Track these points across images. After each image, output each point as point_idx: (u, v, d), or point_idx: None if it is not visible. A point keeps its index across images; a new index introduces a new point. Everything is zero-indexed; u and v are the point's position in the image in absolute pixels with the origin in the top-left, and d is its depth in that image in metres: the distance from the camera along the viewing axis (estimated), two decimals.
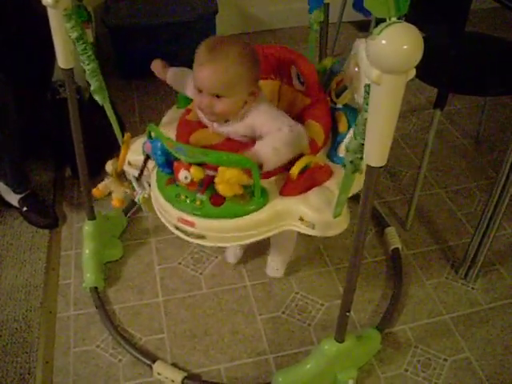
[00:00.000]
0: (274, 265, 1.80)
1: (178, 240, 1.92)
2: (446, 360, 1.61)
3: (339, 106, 1.52)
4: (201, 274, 1.85)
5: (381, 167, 1.05)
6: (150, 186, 1.51)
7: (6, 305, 1.75)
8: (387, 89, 0.91)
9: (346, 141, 1.40)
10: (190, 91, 1.53)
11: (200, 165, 1.28)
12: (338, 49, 2.99)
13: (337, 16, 2.85)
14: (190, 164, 1.28)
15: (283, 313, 1.74)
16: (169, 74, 1.60)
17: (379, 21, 0.88)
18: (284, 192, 1.35)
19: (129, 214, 2.04)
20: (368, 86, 0.94)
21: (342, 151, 1.41)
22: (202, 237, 1.36)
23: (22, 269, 1.86)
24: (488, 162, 2.30)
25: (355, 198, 1.85)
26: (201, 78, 1.32)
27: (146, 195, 1.53)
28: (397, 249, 1.89)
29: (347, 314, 1.39)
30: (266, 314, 1.73)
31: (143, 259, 1.90)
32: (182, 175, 1.29)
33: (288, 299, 1.77)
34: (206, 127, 1.46)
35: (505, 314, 1.74)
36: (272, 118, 1.37)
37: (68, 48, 1.40)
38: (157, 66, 1.62)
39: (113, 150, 2.25)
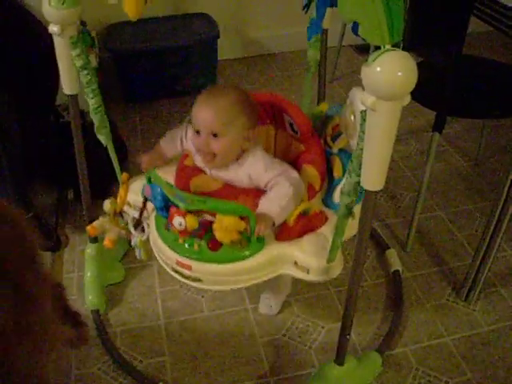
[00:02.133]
0: (268, 302, 1.79)
1: None
2: (447, 382, 1.61)
3: (334, 150, 1.54)
4: (202, 296, 1.85)
5: (378, 191, 1.07)
6: (147, 228, 1.53)
7: None
8: (383, 115, 0.92)
9: (340, 186, 1.43)
10: (184, 144, 1.56)
11: (198, 211, 1.31)
12: (337, 73, 3.02)
13: (337, 40, 2.88)
14: (187, 212, 1.30)
15: (284, 335, 1.74)
16: (162, 146, 1.61)
17: (377, 46, 0.90)
18: (280, 237, 1.39)
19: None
20: (364, 111, 0.96)
21: (337, 197, 1.44)
22: (198, 280, 1.39)
23: None
24: (487, 184, 2.31)
25: None
26: (199, 118, 1.38)
27: (143, 238, 1.55)
28: (397, 271, 1.89)
29: (347, 336, 1.39)
30: (267, 336, 1.73)
31: (145, 282, 1.91)
32: (177, 221, 1.31)
33: (289, 322, 1.77)
34: (205, 172, 1.48)
35: (506, 335, 1.73)
36: (268, 168, 1.41)
37: (73, 74, 1.42)
38: (146, 160, 1.60)
39: (114, 173, 2.27)
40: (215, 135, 1.37)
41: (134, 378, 1.61)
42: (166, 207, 1.36)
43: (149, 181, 1.40)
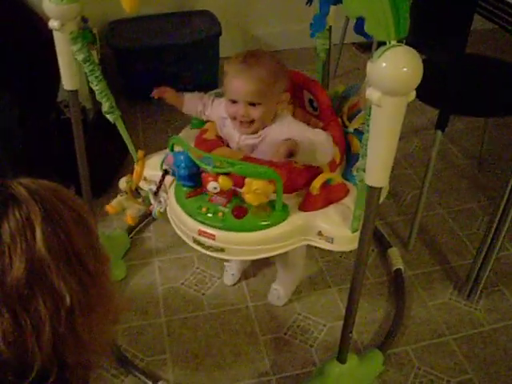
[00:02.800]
0: (277, 293, 1.79)
1: (181, 260, 1.94)
2: (449, 381, 1.61)
3: (350, 129, 1.54)
4: (203, 294, 1.85)
5: (382, 187, 1.06)
6: (165, 200, 1.51)
7: None
8: (388, 110, 0.92)
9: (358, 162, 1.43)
10: (207, 113, 1.57)
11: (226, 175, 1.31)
12: (340, 70, 3.01)
13: (339, 37, 2.87)
14: (218, 175, 1.30)
15: (285, 334, 1.73)
16: (185, 102, 1.61)
17: (381, 42, 0.90)
18: (304, 207, 1.38)
19: (132, 235, 2.04)
20: (369, 107, 0.95)
21: (355, 170, 1.44)
22: (221, 250, 1.38)
23: None
24: (490, 183, 2.31)
25: None
26: (236, 88, 1.39)
27: (161, 210, 1.53)
28: (399, 269, 1.89)
29: (349, 334, 1.39)
30: (269, 334, 1.73)
31: (146, 279, 1.90)
32: (211, 186, 1.32)
33: (290, 320, 1.77)
34: (224, 145, 1.48)
35: (508, 334, 1.73)
36: (302, 129, 1.42)
37: (73, 70, 1.42)
38: (169, 92, 1.61)
39: (116, 169, 2.26)
40: (253, 104, 1.38)
41: (135, 375, 1.60)
42: (189, 175, 1.36)
43: (171, 149, 1.39)
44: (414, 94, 0.91)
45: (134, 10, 1.22)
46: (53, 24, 1.31)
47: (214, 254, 1.40)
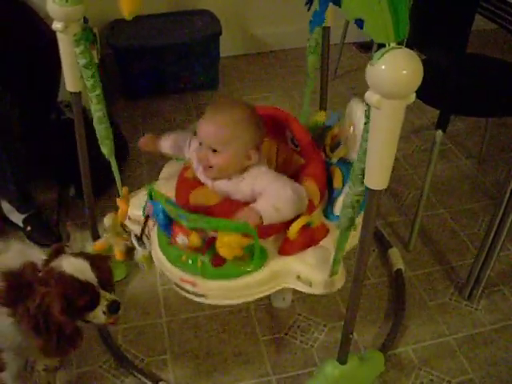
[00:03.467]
0: (280, 295, 1.78)
1: None
2: (449, 382, 1.60)
3: (334, 160, 1.54)
4: None
5: (381, 190, 1.06)
6: (149, 244, 1.53)
7: None
8: (387, 113, 0.92)
9: (341, 197, 1.42)
10: (186, 151, 1.56)
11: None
12: (340, 70, 3.01)
13: (339, 37, 2.87)
14: (191, 229, 1.30)
15: (286, 334, 1.73)
16: (162, 143, 1.62)
17: (380, 44, 0.90)
18: (282, 252, 1.38)
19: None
20: (368, 110, 0.95)
21: (337, 209, 1.43)
22: (201, 296, 1.40)
23: None
24: (490, 183, 2.31)
25: None
26: (200, 131, 1.40)
27: (145, 254, 1.55)
28: (400, 270, 1.89)
29: (350, 335, 1.38)
30: (269, 335, 1.73)
31: (147, 279, 1.90)
32: (180, 238, 1.32)
33: (291, 320, 1.77)
34: (205, 185, 1.47)
35: (509, 334, 1.73)
36: (272, 181, 1.39)
37: (76, 72, 1.42)
38: (146, 141, 1.63)
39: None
40: (214, 150, 1.38)
41: (136, 376, 1.60)
42: (168, 224, 1.35)
43: (150, 198, 1.39)
44: (413, 96, 0.90)
45: (133, 15, 1.22)
46: (56, 26, 1.30)
47: (197, 299, 1.42)
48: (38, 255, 1.30)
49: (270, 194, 1.35)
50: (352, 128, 1.39)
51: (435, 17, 1.93)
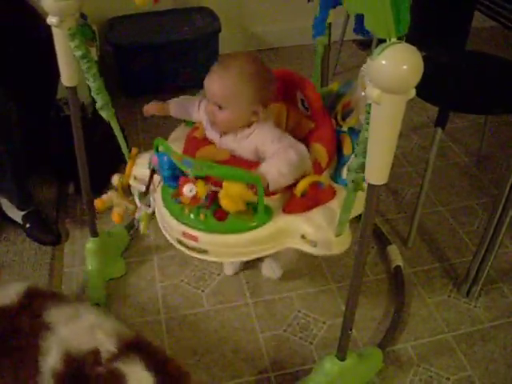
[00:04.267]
0: (272, 265, 1.79)
1: (181, 257, 1.94)
2: (448, 379, 1.61)
3: (344, 128, 1.53)
4: (203, 291, 1.85)
5: (381, 185, 1.06)
6: (153, 201, 1.51)
7: None
8: (387, 108, 0.92)
9: (349, 163, 1.41)
10: (196, 114, 1.57)
11: (206, 179, 1.29)
12: (340, 67, 3.01)
13: (339, 34, 2.87)
14: (197, 179, 1.29)
15: (285, 331, 1.73)
16: (171, 107, 1.63)
17: (381, 39, 0.90)
18: (287, 209, 1.36)
19: (131, 232, 2.04)
20: (369, 105, 0.95)
21: (345, 174, 1.42)
22: (204, 251, 1.37)
23: None
24: (490, 180, 2.31)
25: (357, 217, 1.86)
26: (207, 87, 1.39)
27: (149, 211, 1.53)
28: (399, 267, 1.89)
29: (349, 331, 1.39)
30: (268, 331, 1.73)
31: (145, 276, 1.90)
32: (188, 188, 1.29)
33: (290, 317, 1.77)
34: (213, 144, 1.48)
35: (507, 331, 1.73)
36: (275, 140, 1.39)
37: (72, 66, 1.42)
38: (152, 107, 1.64)
39: (115, 166, 2.26)
40: (220, 107, 1.38)
41: None
42: (173, 176, 1.35)
43: (156, 150, 1.39)
44: (413, 91, 0.90)
45: (146, 2, 1.22)
46: (51, 20, 1.31)
47: (198, 256, 1.39)
48: (106, 338, 1.20)
49: (274, 158, 1.35)
50: (363, 93, 1.38)
51: (435, 14, 1.94)
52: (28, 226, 2.02)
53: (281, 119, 1.59)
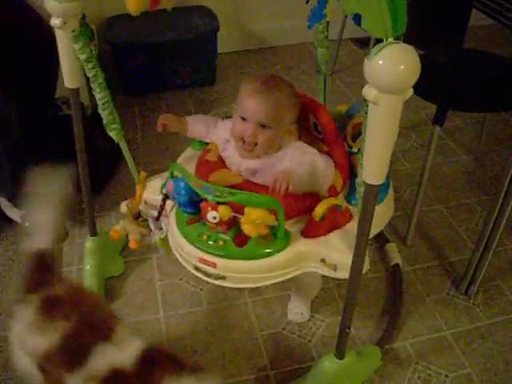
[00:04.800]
0: (298, 310, 1.75)
1: None
2: (447, 376, 1.61)
3: (355, 149, 1.54)
4: (201, 290, 1.85)
5: (379, 185, 1.06)
6: (166, 226, 1.51)
7: (6, 321, 1.75)
8: (385, 108, 0.92)
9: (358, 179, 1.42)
10: (213, 134, 1.56)
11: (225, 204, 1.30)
12: (338, 66, 3.01)
13: (337, 33, 2.87)
14: (217, 204, 1.29)
15: (284, 329, 1.74)
16: (190, 125, 1.60)
17: (380, 40, 0.90)
18: (306, 234, 1.38)
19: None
20: (366, 105, 0.95)
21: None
22: (222, 278, 1.37)
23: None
24: (488, 178, 2.31)
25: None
26: (251, 107, 1.38)
27: (162, 236, 1.53)
28: (397, 265, 1.89)
29: (347, 330, 1.39)
30: (267, 330, 1.73)
31: (144, 275, 1.91)
32: (211, 215, 1.30)
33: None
34: (225, 167, 1.48)
35: (506, 329, 1.74)
36: (304, 151, 1.42)
37: (74, 68, 1.42)
38: (171, 119, 1.59)
39: (113, 166, 2.26)
40: (263, 126, 1.38)
41: None
42: (190, 202, 1.35)
43: (171, 175, 1.38)
44: (411, 91, 0.90)
45: (139, 10, 1.22)
46: (54, 22, 1.30)
47: (216, 282, 1.40)
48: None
49: (297, 157, 1.38)
50: None
51: (433, 12, 1.94)
52: (27, 225, 2.02)
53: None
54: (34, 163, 2.15)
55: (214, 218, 1.30)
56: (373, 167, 1.03)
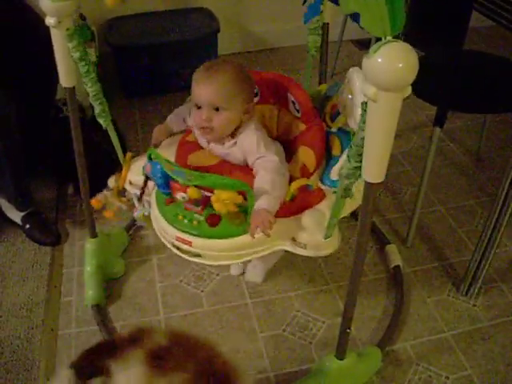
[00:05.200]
0: (255, 270, 1.81)
1: (180, 257, 1.93)
2: (447, 378, 1.61)
3: (333, 129, 1.54)
4: (202, 291, 1.85)
5: (379, 183, 1.06)
6: (148, 204, 1.55)
7: (7, 322, 1.75)
8: (383, 106, 0.92)
9: (338, 165, 1.44)
10: (188, 120, 1.58)
11: (198, 186, 1.32)
12: (338, 67, 3.01)
13: (337, 35, 2.87)
14: (188, 186, 1.32)
15: (284, 330, 1.73)
16: (170, 122, 1.63)
17: (379, 39, 0.90)
18: (277, 213, 1.37)
19: (130, 232, 2.04)
20: (365, 103, 0.95)
21: (334, 175, 1.45)
22: (197, 255, 1.41)
23: (24, 286, 1.86)
24: (488, 179, 2.31)
25: (354, 215, 1.87)
26: (201, 93, 1.39)
27: (145, 213, 1.57)
28: (398, 266, 1.89)
29: (348, 331, 1.39)
30: (267, 331, 1.73)
31: (145, 277, 1.91)
32: (180, 195, 1.35)
33: (289, 317, 1.77)
34: (204, 148, 1.50)
35: (506, 330, 1.73)
36: (259, 145, 1.41)
37: (70, 67, 1.42)
38: (159, 134, 1.63)
39: (114, 167, 2.26)
40: (217, 109, 1.38)
41: None
42: (166, 184, 1.38)
43: (149, 158, 1.41)
44: (409, 89, 0.91)
45: (115, 4, 1.23)
46: (49, 21, 1.31)
47: (192, 259, 1.43)
48: None
49: (260, 186, 1.35)
50: (350, 95, 1.40)
51: (433, 13, 1.94)
52: (27, 226, 2.02)
53: (272, 121, 1.60)
54: (34, 165, 2.17)
55: (183, 198, 1.34)
56: (373, 165, 1.03)
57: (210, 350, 1.04)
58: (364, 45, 3.17)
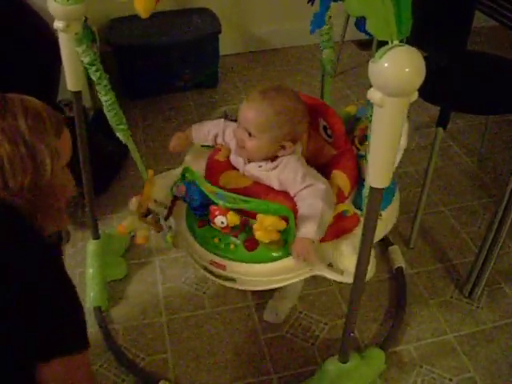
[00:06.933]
0: (275, 310, 1.75)
1: (182, 259, 1.93)
2: (451, 380, 1.60)
3: (362, 152, 1.54)
4: (204, 293, 1.85)
5: (384, 188, 1.06)
6: (175, 225, 1.53)
7: None
8: (390, 111, 0.92)
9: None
10: (220, 138, 1.58)
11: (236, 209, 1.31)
12: (340, 68, 3.00)
13: (339, 35, 2.87)
14: (226, 209, 1.31)
15: (287, 332, 1.73)
16: (193, 131, 1.63)
17: (382, 41, 0.89)
18: None
19: (132, 233, 2.03)
20: (371, 108, 0.95)
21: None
22: (231, 279, 1.40)
23: None
24: (491, 180, 2.30)
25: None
26: (241, 113, 1.41)
27: (173, 234, 1.53)
28: (401, 268, 1.89)
29: (351, 333, 1.38)
30: (270, 333, 1.73)
31: (147, 278, 1.90)
32: (219, 220, 1.32)
33: (292, 319, 1.77)
34: (235, 168, 1.50)
35: (510, 332, 1.73)
36: (298, 178, 1.40)
37: (77, 71, 1.42)
38: (178, 141, 1.62)
39: (116, 169, 2.26)
40: (250, 134, 1.39)
41: (136, 375, 1.60)
42: (202, 206, 1.37)
43: (183, 178, 1.40)
44: (416, 94, 0.90)
45: (148, 13, 1.22)
46: (58, 25, 1.30)
47: (225, 283, 1.43)
48: None
49: (307, 213, 1.34)
50: None
51: (436, 14, 1.93)
52: None
53: (302, 143, 1.58)
54: None
55: (222, 222, 1.32)
56: (378, 170, 1.03)
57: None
58: (366, 45, 3.16)
